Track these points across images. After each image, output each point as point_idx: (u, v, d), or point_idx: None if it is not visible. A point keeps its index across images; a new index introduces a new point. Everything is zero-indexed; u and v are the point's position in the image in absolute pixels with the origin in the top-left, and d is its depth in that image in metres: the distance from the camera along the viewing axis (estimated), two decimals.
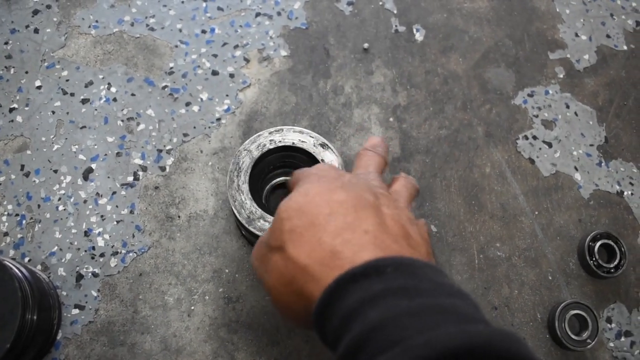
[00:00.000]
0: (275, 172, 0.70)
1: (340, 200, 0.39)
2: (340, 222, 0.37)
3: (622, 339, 0.71)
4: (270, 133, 0.64)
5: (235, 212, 0.60)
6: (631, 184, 0.78)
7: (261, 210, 0.60)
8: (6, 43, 0.77)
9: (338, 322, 0.33)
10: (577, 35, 0.87)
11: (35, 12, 0.79)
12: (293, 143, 0.64)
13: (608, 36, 0.87)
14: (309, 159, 0.64)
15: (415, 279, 0.33)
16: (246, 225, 0.59)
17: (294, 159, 0.66)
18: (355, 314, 0.32)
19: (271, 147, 0.63)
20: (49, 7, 0.79)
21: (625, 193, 0.78)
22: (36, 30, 0.78)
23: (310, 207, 0.39)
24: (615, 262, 0.72)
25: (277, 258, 0.39)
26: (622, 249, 0.72)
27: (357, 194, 0.40)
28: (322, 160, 0.63)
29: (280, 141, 0.64)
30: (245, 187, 0.61)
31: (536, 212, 0.75)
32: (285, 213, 0.40)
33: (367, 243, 0.36)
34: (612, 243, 0.72)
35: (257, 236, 0.59)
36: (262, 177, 0.68)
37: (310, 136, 0.64)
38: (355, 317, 0.32)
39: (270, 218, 0.59)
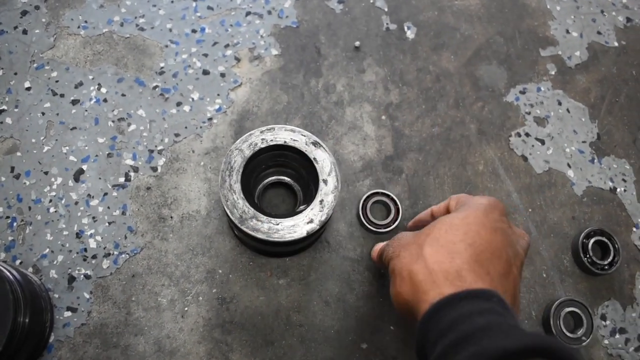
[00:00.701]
0: (268, 172, 0.69)
1: (487, 239, 0.47)
2: (475, 255, 0.46)
3: (617, 336, 0.71)
4: (261, 132, 0.63)
5: (228, 211, 0.59)
6: (624, 180, 0.78)
7: (254, 209, 0.59)
8: None
9: (446, 324, 0.41)
10: (568, 32, 0.87)
11: (24, 13, 0.78)
12: (285, 142, 0.63)
13: (599, 33, 0.88)
14: (301, 158, 0.64)
15: (508, 311, 0.43)
16: (238, 225, 0.58)
17: (286, 157, 0.66)
18: (464, 319, 0.41)
19: (263, 146, 0.63)
20: (37, 8, 0.79)
21: (618, 189, 0.78)
22: (25, 31, 0.77)
23: (464, 229, 0.48)
24: (609, 259, 0.72)
25: (419, 252, 0.48)
26: (616, 246, 0.72)
27: (503, 244, 0.48)
28: (314, 159, 0.62)
29: (272, 140, 0.63)
30: (237, 187, 0.60)
31: (530, 210, 0.75)
32: (448, 225, 0.49)
33: (485, 279, 0.45)
34: (605, 240, 0.73)
35: (250, 236, 0.59)
36: (254, 176, 0.67)
37: (302, 135, 0.64)
38: (463, 321, 0.41)
39: (262, 217, 0.59)
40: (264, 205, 0.70)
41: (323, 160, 0.63)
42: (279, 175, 0.70)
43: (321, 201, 0.60)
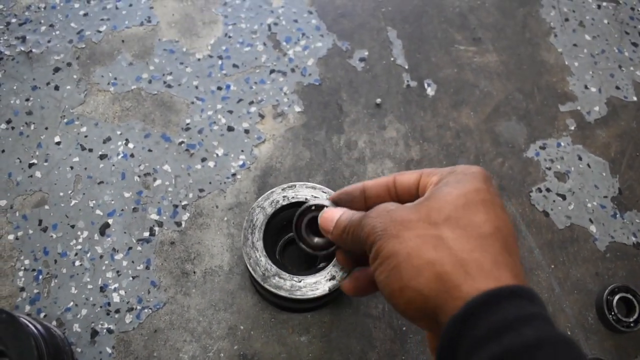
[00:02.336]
0: (290, 226, 0.70)
1: (506, 220, 0.40)
2: (504, 242, 0.39)
3: None
4: (283, 189, 0.65)
5: (250, 269, 0.60)
6: None
7: (276, 267, 0.60)
8: (27, 99, 0.79)
9: (485, 332, 0.34)
10: (586, 87, 0.88)
11: (56, 70, 0.81)
12: (306, 199, 0.64)
13: (617, 87, 0.88)
14: None
15: (546, 310, 0.36)
16: (261, 283, 0.59)
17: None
18: (509, 328, 0.33)
19: (284, 203, 0.64)
20: (69, 64, 0.82)
21: None
22: (56, 87, 0.80)
23: (484, 208, 0.40)
24: (635, 316, 0.71)
25: (435, 234, 0.39)
26: None
27: (511, 222, 0.41)
28: None
29: (293, 197, 0.64)
30: (259, 245, 0.61)
31: (552, 266, 0.74)
32: (464, 201, 0.40)
33: (519, 273, 0.38)
34: (630, 296, 0.72)
35: (272, 293, 0.59)
36: (276, 233, 0.68)
37: (323, 191, 0.65)
38: (508, 331, 0.33)
39: (285, 275, 0.60)
40: (286, 262, 0.71)
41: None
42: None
43: None
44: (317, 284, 0.59)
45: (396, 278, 0.39)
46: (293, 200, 0.64)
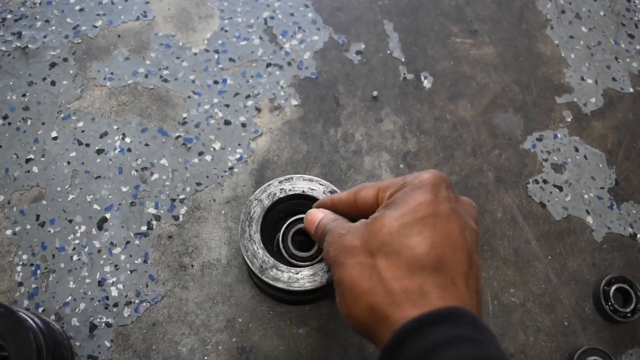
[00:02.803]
0: (286, 220, 0.70)
1: (445, 233, 0.41)
2: (436, 261, 0.40)
3: None
4: (280, 182, 0.65)
5: (248, 262, 0.60)
6: None
7: (273, 259, 0.60)
8: (24, 95, 0.79)
9: (412, 358, 0.36)
10: (583, 79, 0.88)
11: (53, 65, 0.81)
12: (303, 191, 0.64)
13: (614, 79, 0.89)
14: None
15: (480, 330, 0.37)
16: (259, 275, 0.59)
17: (305, 206, 0.67)
18: (431, 353, 0.35)
19: (281, 195, 0.64)
20: (65, 60, 0.82)
21: (639, 236, 0.77)
22: (53, 83, 0.80)
23: (418, 228, 0.41)
24: (632, 307, 0.71)
25: (371, 263, 0.41)
26: (638, 293, 0.72)
27: (460, 231, 0.42)
28: None
29: (290, 190, 0.64)
30: (257, 237, 0.61)
31: (549, 257, 0.75)
32: (398, 225, 0.41)
33: (451, 291, 0.39)
34: (627, 287, 0.72)
35: (270, 285, 0.59)
36: (273, 226, 0.68)
37: (320, 184, 0.65)
38: (430, 356, 0.35)
39: (282, 267, 0.60)
40: (284, 254, 0.71)
41: None
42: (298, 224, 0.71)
43: None
44: (314, 276, 0.59)
45: (344, 303, 0.43)
46: (290, 193, 0.64)
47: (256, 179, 0.76)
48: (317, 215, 0.53)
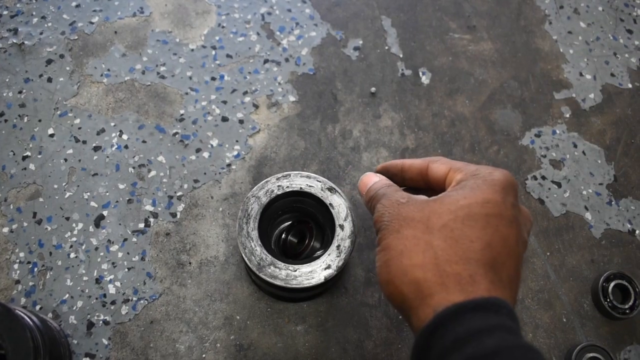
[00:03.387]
0: (284, 217, 0.70)
1: (504, 236, 0.41)
2: (491, 259, 0.40)
3: None
4: (277, 179, 0.64)
5: (246, 259, 0.60)
6: None
7: (271, 256, 0.60)
8: (20, 92, 0.79)
9: (450, 342, 0.36)
10: (581, 74, 0.87)
11: (49, 62, 0.81)
12: (301, 188, 0.64)
13: (612, 75, 0.88)
14: (317, 204, 0.65)
15: (516, 323, 0.38)
16: (257, 272, 0.59)
17: (302, 203, 0.67)
18: (471, 339, 0.36)
19: (279, 192, 0.64)
20: (62, 56, 0.81)
21: (637, 232, 0.77)
22: (49, 79, 0.80)
23: (482, 222, 0.42)
24: (630, 303, 0.71)
25: (427, 240, 0.41)
26: (637, 289, 0.72)
27: (516, 239, 0.42)
28: (330, 204, 0.63)
29: (287, 187, 0.64)
30: (254, 234, 0.61)
31: (548, 253, 0.75)
32: (465, 213, 0.42)
33: (498, 286, 0.40)
34: (626, 283, 0.72)
35: (268, 283, 0.59)
36: (271, 223, 0.68)
37: (318, 181, 0.65)
38: (470, 341, 0.36)
39: (280, 264, 0.60)
40: (281, 251, 0.71)
41: (339, 206, 0.63)
42: (294, 220, 0.71)
43: (338, 246, 0.61)
44: (312, 273, 0.59)
45: (387, 270, 0.43)
46: (288, 190, 0.64)
47: (254, 176, 0.75)
48: (371, 178, 0.54)
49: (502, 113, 0.83)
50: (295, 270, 0.59)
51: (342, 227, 0.62)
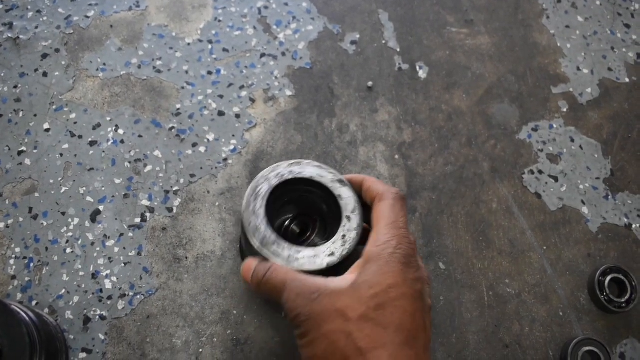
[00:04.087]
0: (289, 207, 0.68)
1: (411, 313, 0.47)
2: (404, 340, 0.45)
3: None
4: (289, 165, 0.63)
5: (249, 235, 0.58)
6: (639, 216, 0.78)
7: (275, 236, 0.59)
8: (15, 87, 0.78)
9: None
10: (579, 69, 0.87)
11: (44, 56, 0.80)
12: (311, 177, 0.63)
13: (610, 69, 0.88)
14: (325, 195, 0.64)
15: None
16: (259, 248, 0.57)
17: (310, 194, 0.65)
18: None
19: (289, 177, 0.62)
20: (57, 51, 0.81)
21: (634, 226, 0.77)
22: (45, 74, 0.79)
23: (390, 309, 0.47)
24: (627, 297, 0.71)
25: (347, 331, 0.46)
26: (633, 283, 0.72)
27: (422, 311, 0.48)
28: (339, 196, 0.62)
29: (299, 173, 0.63)
30: (261, 212, 0.60)
31: (544, 247, 0.75)
32: (374, 303, 0.47)
33: (415, 357, 0.45)
34: (622, 277, 0.72)
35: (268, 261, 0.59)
36: (276, 208, 0.66)
37: (329, 172, 0.63)
38: None
39: (284, 244, 0.58)
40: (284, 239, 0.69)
41: (348, 198, 0.62)
42: (299, 212, 0.69)
43: (343, 236, 0.59)
44: (315, 258, 0.58)
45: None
46: (299, 176, 0.62)
47: (250, 171, 0.75)
48: (251, 263, 0.56)
49: (499, 107, 0.83)
50: (299, 253, 0.58)
51: (349, 218, 0.61)
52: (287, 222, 0.68)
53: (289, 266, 0.57)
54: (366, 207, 0.59)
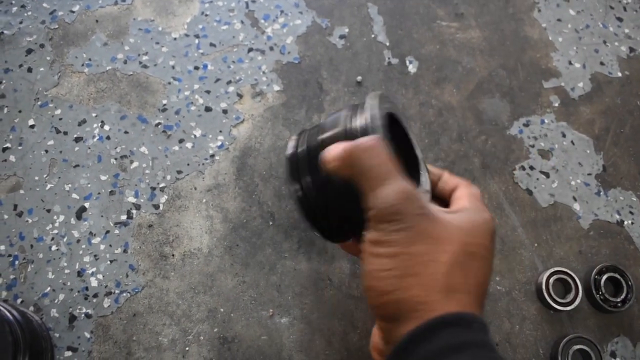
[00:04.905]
0: None
1: (490, 271, 0.45)
2: (479, 289, 0.43)
3: None
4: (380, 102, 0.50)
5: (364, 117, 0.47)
6: (631, 212, 0.77)
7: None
8: (0, 82, 0.77)
9: (421, 358, 0.37)
10: (570, 63, 0.86)
11: (29, 52, 0.79)
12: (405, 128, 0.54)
13: (602, 63, 0.87)
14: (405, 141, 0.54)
15: (488, 336, 0.40)
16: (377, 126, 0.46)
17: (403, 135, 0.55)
18: (442, 355, 0.37)
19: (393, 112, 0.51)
20: (42, 46, 0.80)
21: (626, 222, 0.77)
22: (30, 70, 0.78)
23: (479, 263, 0.43)
24: (622, 296, 0.70)
25: (439, 257, 0.41)
26: (629, 283, 0.71)
27: (489, 276, 0.45)
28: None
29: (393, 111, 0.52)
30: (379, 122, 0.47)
31: (535, 244, 0.74)
32: (473, 252, 0.43)
33: (474, 296, 0.42)
34: (618, 276, 0.71)
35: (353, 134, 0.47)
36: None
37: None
38: (441, 358, 0.36)
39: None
40: None
41: (420, 155, 0.55)
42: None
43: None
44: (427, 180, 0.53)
45: (387, 280, 0.42)
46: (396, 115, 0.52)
47: (238, 167, 0.74)
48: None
49: (490, 102, 0.82)
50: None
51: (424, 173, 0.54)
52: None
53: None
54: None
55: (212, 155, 0.75)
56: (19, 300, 0.66)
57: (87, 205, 0.71)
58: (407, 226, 0.41)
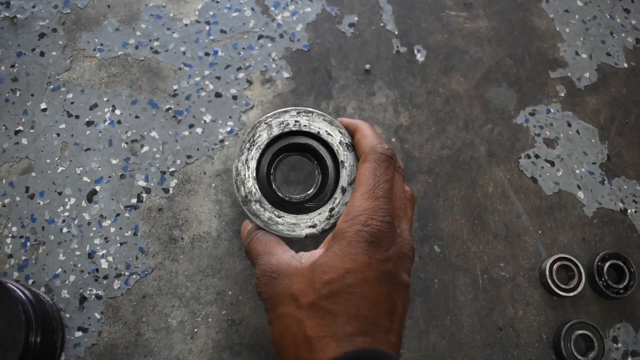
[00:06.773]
0: (288, 158, 0.63)
1: (372, 296, 0.44)
2: (360, 320, 0.43)
3: (629, 359, 0.70)
4: (298, 113, 0.58)
5: (235, 188, 0.56)
6: (635, 201, 0.78)
7: (260, 194, 0.56)
8: (12, 66, 0.78)
9: None
10: (577, 53, 0.87)
11: (42, 36, 0.80)
12: (319, 132, 0.58)
13: (608, 54, 0.88)
14: (330, 156, 0.58)
15: None
16: (241, 204, 0.55)
17: (312, 153, 0.60)
18: None
19: (293, 129, 0.57)
20: (54, 30, 0.80)
21: (629, 211, 0.77)
22: (42, 54, 0.79)
23: (346, 296, 0.44)
24: (625, 283, 0.71)
25: (299, 318, 0.45)
26: (632, 270, 0.72)
27: (388, 292, 0.45)
28: (342, 162, 0.57)
29: (305, 126, 0.57)
30: (252, 164, 0.56)
31: (540, 232, 0.75)
32: (328, 290, 0.45)
33: (370, 343, 0.43)
34: (621, 263, 0.72)
35: (249, 218, 0.56)
36: (271, 161, 0.60)
37: (340, 131, 0.58)
38: None
39: (267, 205, 0.55)
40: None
41: (351, 167, 0.57)
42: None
43: (331, 209, 0.56)
44: (295, 226, 0.55)
45: (275, 344, 0.47)
46: (304, 129, 0.57)
47: None
48: (246, 227, 0.57)
49: (497, 91, 0.83)
50: (280, 217, 0.55)
51: (344, 190, 0.56)
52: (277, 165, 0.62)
53: (268, 229, 0.55)
54: None
55: (222, 141, 0.76)
56: (30, 281, 0.68)
57: (97, 188, 0.72)
58: (267, 297, 0.49)
